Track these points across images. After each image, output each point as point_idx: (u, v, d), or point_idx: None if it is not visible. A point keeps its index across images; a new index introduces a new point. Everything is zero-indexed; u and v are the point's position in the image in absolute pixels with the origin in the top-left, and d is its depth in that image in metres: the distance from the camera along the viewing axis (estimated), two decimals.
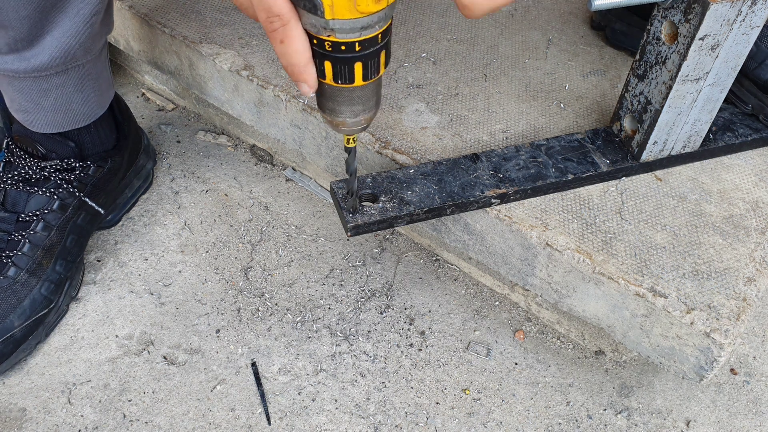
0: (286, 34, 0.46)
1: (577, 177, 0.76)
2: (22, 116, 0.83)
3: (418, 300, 0.92)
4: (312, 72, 0.49)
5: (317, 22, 0.45)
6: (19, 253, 0.82)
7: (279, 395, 0.82)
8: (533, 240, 0.75)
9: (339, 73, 0.49)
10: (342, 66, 0.49)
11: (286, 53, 0.47)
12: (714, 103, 0.75)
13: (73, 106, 0.83)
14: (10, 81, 0.78)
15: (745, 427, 0.83)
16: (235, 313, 0.89)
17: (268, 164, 1.08)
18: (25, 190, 0.84)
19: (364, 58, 0.49)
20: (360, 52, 0.48)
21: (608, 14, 0.95)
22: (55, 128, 0.84)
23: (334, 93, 0.52)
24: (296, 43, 0.46)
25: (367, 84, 0.51)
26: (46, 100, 0.81)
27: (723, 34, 0.66)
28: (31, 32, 0.73)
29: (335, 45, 0.47)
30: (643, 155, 0.77)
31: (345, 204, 0.70)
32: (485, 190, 0.74)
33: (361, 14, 0.45)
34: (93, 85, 0.84)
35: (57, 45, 0.76)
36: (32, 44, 0.75)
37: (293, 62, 0.48)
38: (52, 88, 0.80)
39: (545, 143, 0.79)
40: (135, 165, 0.97)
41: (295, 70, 0.48)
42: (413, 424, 0.80)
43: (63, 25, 0.75)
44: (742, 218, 0.77)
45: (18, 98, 0.80)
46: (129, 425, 0.79)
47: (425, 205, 0.71)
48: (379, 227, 0.71)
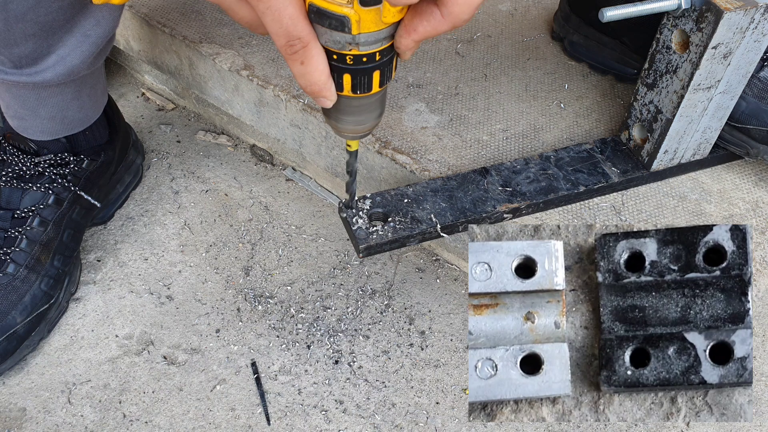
0: (306, 55, 0.45)
1: (588, 188, 0.76)
2: (17, 123, 0.83)
3: (418, 300, 0.92)
4: (332, 87, 0.49)
5: (342, 39, 0.45)
6: (17, 249, 0.82)
7: (279, 395, 0.82)
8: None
9: (359, 84, 0.49)
10: (362, 77, 0.48)
11: (307, 73, 0.46)
12: (724, 111, 0.74)
13: (69, 114, 0.84)
14: (8, 88, 0.78)
15: (745, 427, 0.83)
16: (235, 312, 0.89)
17: (268, 164, 1.08)
18: (19, 187, 0.84)
19: (382, 66, 0.49)
20: (379, 61, 0.48)
21: (566, 26, 0.95)
22: (50, 135, 0.85)
23: (348, 103, 0.52)
24: (317, 62, 0.46)
25: (381, 90, 0.51)
26: (43, 108, 0.81)
27: (735, 42, 0.66)
28: (35, 51, 0.73)
29: (357, 58, 0.47)
30: (654, 164, 0.77)
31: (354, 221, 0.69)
32: (497, 206, 0.73)
33: (385, 25, 0.45)
34: (89, 92, 0.84)
35: (62, 64, 0.76)
36: (36, 62, 0.75)
37: (314, 81, 0.47)
38: (50, 96, 0.80)
39: (554, 154, 0.79)
40: (125, 160, 0.97)
41: (315, 88, 0.48)
42: (413, 424, 0.80)
43: (69, 45, 0.75)
44: (742, 218, 0.77)
45: (14, 105, 0.81)
46: (129, 425, 0.78)
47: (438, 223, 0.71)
48: (392, 247, 0.70)
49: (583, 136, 0.85)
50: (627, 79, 0.92)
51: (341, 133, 0.55)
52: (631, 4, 0.64)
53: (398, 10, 0.44)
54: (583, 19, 0.92)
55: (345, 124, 0.54)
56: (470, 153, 0.82)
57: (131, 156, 1.00)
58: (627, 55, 0.89)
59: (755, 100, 0.75)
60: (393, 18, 0.45)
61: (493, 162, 0.81)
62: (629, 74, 0.90)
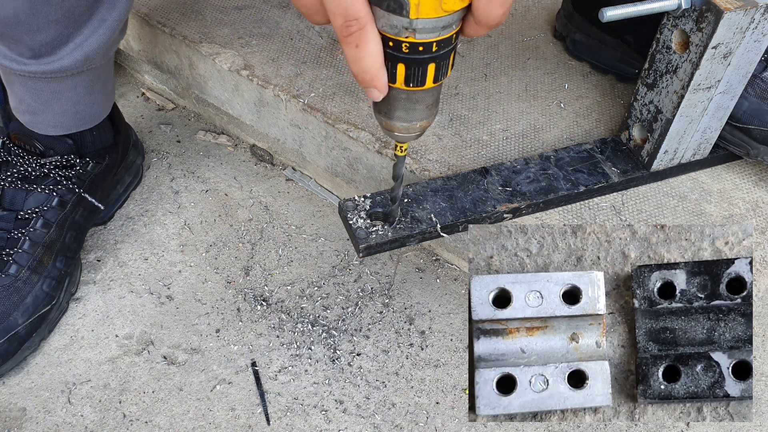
0: (362, 38, 0.44)
1: (588, 188, 0.76)
2: (29, 118, 0.83)
3: (418, 300, 0.92)
4: (384, 77, 0.47)
5: (399, 23, 0.44)
6: (19, 250, 0.82)
7: (279, 395, 0.82)
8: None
9: (412, 75, 0.48)
10: (416, 68, 0.47)
11: (361, 57, 0.45)
12: (724, 111, 0.74)
13: (80, 108, 0.84)
14: (23, 81, 0.79)
15: (745, 426, 0.83)
16: (235, 312, 0.89)
17: (268, 164, 1.08)
18: (24, 188, 0.84)
19: (438, 59, 0.47)
20: (436, 53, 0.46)
21: (569, 24, 0.94)
22: (61, 130, 0.85)
23: (399, 97, 0.50)
24: (372, 47, 0.45)
25: (435, 86, 0.50)
26: (56, 102, 0.81)
27: (735, 42, 0.66)
28: (56, 38, 0.74)
29: (413, 46, 0.45)
30: (654, 164, 0.77)
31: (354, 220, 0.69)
32: (497, 205, 0.73)
33: (445, 13, 0.43)
34: (101, 89, 0.85)
35: (79, 50, 0.76)
36: (55, 51, 0.75)
37: (366, 67, 0.46)
38: (64, 90, 0.80)
39: (554, 154, 0.79)
40: (125, 161, 0.97)
41: (367, 76, 0.46)
42: (413, 423, 0.80)
43: (87, 32, 0.75)
44: (742, 218, 0.77)
45: (27, 99, 0.81)
46: (129, 425, 0.79)
47: (438, 223, 0.71)
48: (391, 247, 0.70)
49: (583, 136, 0.85)
50: (628, 78, 0.92)
51: (391, 130, 0.54)
52: (631, 4, 0.64)
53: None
54: (586, 18, 0.92)
55: (395, 121, 0.52)
56: (470, 153, 0.82)
57: (131, 156, 1.00)
58: (629, 55, 0.89)
59: (757, 101, 0.75)
60: (454, 6, 0.43)
61: (493, 162, 0.81)
62: (631, 74, 0.90)
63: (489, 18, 0.44)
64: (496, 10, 0.43)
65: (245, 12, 1.00)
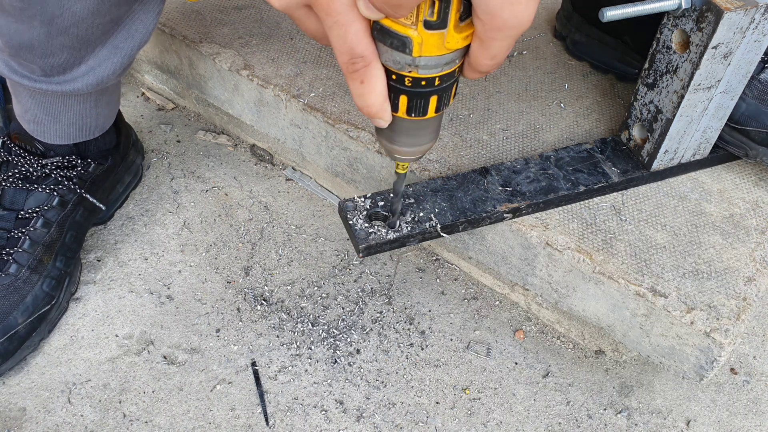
0: (367, 74, 0.45)
1: (588, 188, 0.76)
2: (34, 127, 0.83)
3: (418, 299, 0.92)
4: (388, 109, 0.48)
5: (402, 59, 0.45)
6: (19, 250, 0.82)
7: (279, 395, 0.82)
8: (533, 240, 0.75)
9: (414, 107, 0.49)
10: (418, 100, 0.48)
11: (366, 93, 0.46)
12: (725, 110, 0.74)
13: (88, 120, 0.84)
14: (32, 94, 0.78)
15: (745, 426, 0.83)
16: (235, 312, 0.89)
17: (268, 164, 1.08)
18: (24, 188, 0.84)
19: (441, 92, 0.48)
20: (438, 86, 0.47)
21: (569, 24, 0.94)
22: (67, 140, 0.85)
23: (402, 124, 0.51)
24: (376, 82, 0.46)
25: (436, 115, 0.51)
26: (65, 115, 0.81)
27: (736, 42, 0.66)
28: (68, 60, 0.73)
29: (416, 80, 0.46)
30: (654, 164, 0.77)
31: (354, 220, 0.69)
32: (497, 205, 0.73)
33: (447, 51, 0.44)
34: (108, 101, 0.85)
35: (92, 74, 0.76)
36: (66, 71, 0.75)
37: (371, 103, 0.47)
38: (74, 104, 0.81)
39: (554, 154, 0.79)
40: (125, 161, 0.97)
41: (372, 110, 0.47)
42: (413, 423, 0.80)
43: (100, 56, 0.75)
44: (742, 218, 0.77)
45: (34, 109, 0.81)
46: (129, 425, 0.79)
47: (438, 223, 0.71)
48: (392, 247, 0.70)
49: (583, 136, 0.85)
50: (628, 78, 0.92)
51: (392, 153, 0.55)
52: (631, 4, 0.64)
53: (463, 38, 0.44)
54: (585, 18, 0.92)
55: (396, 145, 0.54)
56: (470, 153, 0.82)
57: (131, 156, 1.00)
58: (629, 55, 0.89)
59: (755, 102, 0.75)
60: (456, 45, 0.44)
61: (493, 162, 0.81)
62: (631, 74, 0.90)
63: (479, 66, 0.45)
64: (486, 62, 0.45)
65: (245, 12, 1.00)
